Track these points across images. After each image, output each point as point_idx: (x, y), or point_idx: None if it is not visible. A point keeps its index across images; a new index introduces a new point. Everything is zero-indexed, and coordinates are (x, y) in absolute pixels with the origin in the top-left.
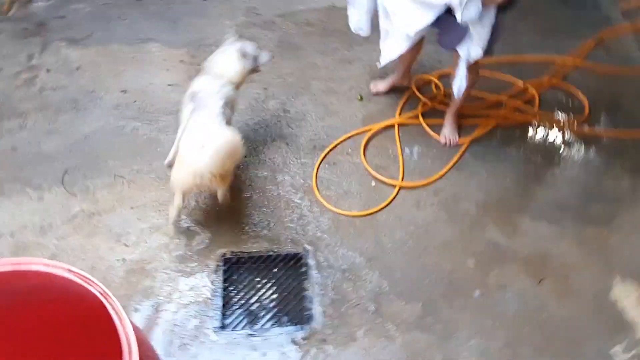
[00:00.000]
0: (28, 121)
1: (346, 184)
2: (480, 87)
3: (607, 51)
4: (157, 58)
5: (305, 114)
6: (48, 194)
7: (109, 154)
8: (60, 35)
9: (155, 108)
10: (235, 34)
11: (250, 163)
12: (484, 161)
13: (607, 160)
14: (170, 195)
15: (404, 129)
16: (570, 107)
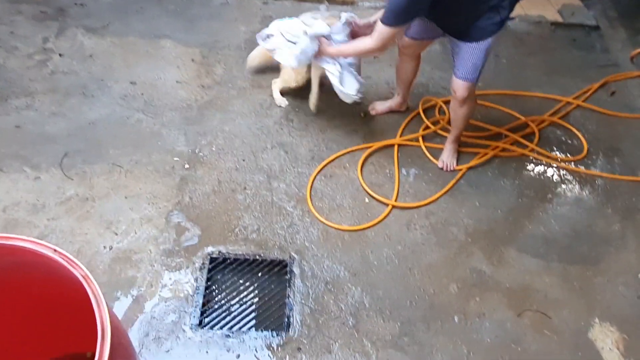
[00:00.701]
0: (36, 102)
1: (340, 197)
2: (482, 117)
3: (612, 95)
4: (170, 54)
5: (307, 124)
6: (45, 175)
7: (111, 142)
8: (78, 22)
9: (162, 102)
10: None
11: (247, 166)
12: (478, 190)
13: (600, 201)
14: (166, 189)
15: (403, 149)
16: (568, 145)
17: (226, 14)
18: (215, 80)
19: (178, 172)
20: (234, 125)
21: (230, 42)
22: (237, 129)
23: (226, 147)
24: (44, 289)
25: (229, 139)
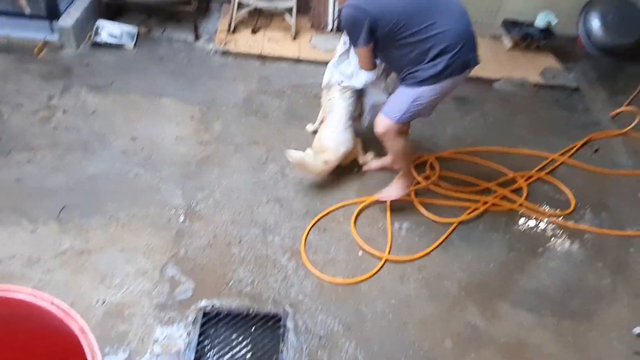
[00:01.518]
0: (37, 156)
1: (334, 250)
2: (472, 173)
3: (595, 152)
4: (170, 112)
5: (302, 179)
6: (42, 227)
7: (109, 196)
8: (83, 81)
9: (161, 158)
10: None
11: (243, 220)
12: (469, 244)
13: (589, 255)
14: (161, 242)
15: (396, 203)
16: (556, 200)
17: (225, 73)
18: (214, 136)
19: (174, 225)
20: (231, 180)
21: (229, 100)
22: (234, 184)
23: (223, 201)
24: (39, 340)
25: (226, 193)
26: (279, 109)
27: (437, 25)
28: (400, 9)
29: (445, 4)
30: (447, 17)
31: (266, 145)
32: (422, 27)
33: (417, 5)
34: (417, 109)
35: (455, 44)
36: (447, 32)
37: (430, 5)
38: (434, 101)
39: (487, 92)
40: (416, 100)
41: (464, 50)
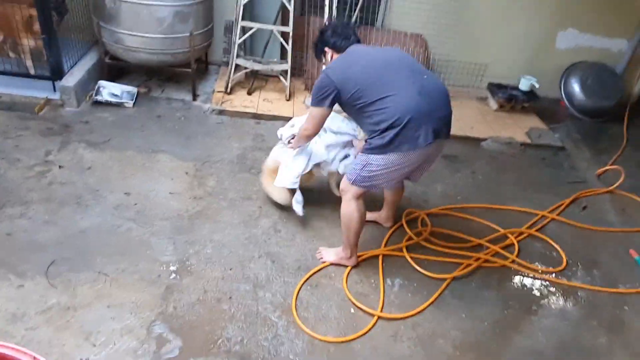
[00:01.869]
0: (30, 210)
1: (325, 307)
2: (463, 229)
3: (584, 210)
4: (165, 167)
5: (295, 234)
6: (29, 283)
7: (99, 250)
8: (81, 138)
9: (153, 212)
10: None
11: (234, 276)
12: (462, 301)
13: (584, 313)
14: (150, 298)
15: (388, 260)
16: (548, 257)
17: (221, 131)
18: (207, 191)
19: (164, 280)
20: (223, 235)
21: (224, 157)
22: (225, 239)
23: (214, 256)
24: None
25: (217, 248)
26: None
27: (391, 99)
28: (361, 80)
29: (409, 80)
30: (405, 93)
31: (259, 200)
32: (377, 99)
33: (377, 78)
34: (369, 175)
35: (405, 118)
36: (400, 106)
37: (391, 79)
38: (390, 173)
39: (476, 150)
40: (365, 166)
41: (412, 130)
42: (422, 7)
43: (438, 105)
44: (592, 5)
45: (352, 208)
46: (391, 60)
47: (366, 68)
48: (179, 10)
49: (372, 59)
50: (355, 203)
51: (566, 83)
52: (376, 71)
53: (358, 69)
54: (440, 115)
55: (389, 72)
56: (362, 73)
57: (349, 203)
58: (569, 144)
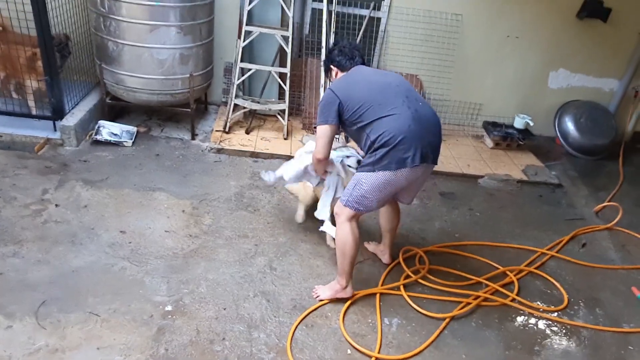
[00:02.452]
0: (23, 249)
1: (321, 348)
2: (462, 267)
3: (583, 247)
4: (162, 205)
5: (290, 273)
6: (18, 324)
7: (91, 290)
8: (78, 176)
9: (148, 251)
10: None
11: (228, 316)
12: (463, 341)
13: (588, 354)
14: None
15: (385, 298)
16: (548, 295)
17: (218, 169)
18: (203, 230)
19: (156, 321)
20: (218, 273)
21: (221, 195)
22: (220, 277)
23: (208, 295)
24: None
25: (212, 287)
26: (270, 203)
27: (387, 120)
28: (362, 99)
29: (405, 104)
30: (400, 115)
31: (255, 238)
32: (375, 119)
33: (377, 99)
34: (360, 194)
35: (397, 139)
36: (394, 127)
37: (389, 101)
38: (379, 192)
39: (473, 188)
40: (356, 186)
41: (402, 150)
42: (416, 48)
43: (429, 131)
44: (581, 46)
45: (345, 231)
46: (391, 84)
47: (367, 89)
48: (180, 52)
49: (374, 80)
50: (349, 225)
51: (560, 121)
52: (376, 93)
53: (360, 89)
54: (429, 141)
55: (388, 95)
56: (364, 93)
57: (342, 226)
58: (565, 181)
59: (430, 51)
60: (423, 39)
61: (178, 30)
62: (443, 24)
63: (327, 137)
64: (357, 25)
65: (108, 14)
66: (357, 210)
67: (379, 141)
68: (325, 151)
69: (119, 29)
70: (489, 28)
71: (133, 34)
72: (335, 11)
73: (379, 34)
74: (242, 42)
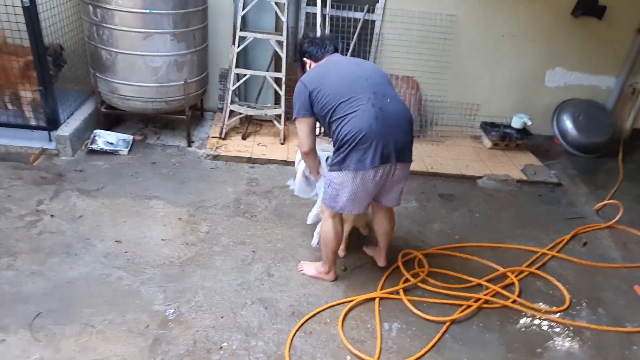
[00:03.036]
0: (17, 261)
1: (320, 355)
2: (462, 269)
3: (584, 246)
4: (158, 214)
5: (288, 279)
6: (12, 337)
7: (86, 301)
8: (74, 186)
9: (144, 260)
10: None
11: (226, 324)
12: (464, 345)
13: (591, 354)
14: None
15: (385, 303)
16: (550, 296)
17: (215, 176)
18: (200, 237)
19: (152, 332)
20: (215, 281)
21: (217, 202)
22: (217, 285)
23: (205, 304)
24: None
25: (209, 295)
26: (267, 209)
27: (350, 117)
28: (330, 93)
29: (370, 102)
30: (363, 113)
31: (252, 245)
32: (340, 116)
33: (344, 94)
34: (333, 194)
35: (357, 138)
36: (356, 126)
37: (354, 97)
38: (349, 193)
39: (472, 189)
40: (329, 185)
41: (361, 150)
42: (411, 50)
43: (395, 129)
44: (577, 44)
45: (327, 226)
46: (360, 77)
47: (336, 83)
48: (174, 59)
49: (344, 73)
50: (331, 221)
51: (558, 120)
52: (344, 88)
53: (329, 81)
54: (395, 140)
55: (355, 91)
56: (332, 87)
57: (325, 222)
58: (565, 180)
59: (426, 52)
60: (418, 41)
61: (172, 38)
62: (438, 25)
63: (305, 129)
64: (352, 28)
65: (101, 23)
66: (333, 208)
67: (342, 139)
68: (308, 142)
69: (112, 38)
70: (484, 28)
71: (126, 42)
72: (330, 15)
73: (374, 37)
74: (236, 48)
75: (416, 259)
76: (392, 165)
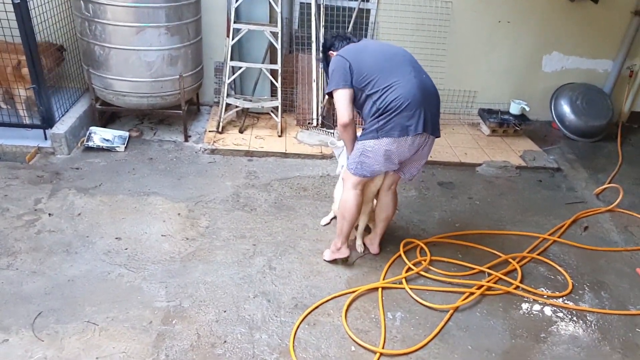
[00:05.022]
0: (17, 261)
1: (325, 346)
2: (463, 257)
3: (585, 230)
4: (157, 210)
5: (290, 272)
6: (15, 337)
7: (88, 299)
8: (71, 184)
9: (145, 256)
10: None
11: (229, 318)
12: (468, 332)
13: (595, 338)
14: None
15: (388, 293)
16: (553, 281)
17: (213, 170)
18: (200, 232)
19: (155, 328)
20: (217, 275)
21: (216, 196)
22: (219, 280)
23: (207, 298)
24: None
25: (211, 290)
26: (267, 202)
27: (395, 86)
28: (371, 64)
29: (407, 73)
30: (407, 83)
31: (253, 238)
32: (384, 86)
33: (385, 66)
34: (365, 161)
35: (404, 105)
36: (401, 93)
37: (396, 69)
38: (383, 159)
39: (472, 176)
40: (363, 152)
41: (405, 116)
42: (407, 38)
43: (431, 103)
44: (574, 28)
45: (350, 196)
46: (397, 53)
47: (374, 57)
48: (168, 53)
49: (380, 50)
50: (353, 192)
51: (556, 105)
52: (383, 61)
53: (368, 56)
54: (432, 112)
55: (395, 63)
56: (371, 60)
57: (347, 192)
58: (564, 165)
59: (422, 40)
60: (414, 29)
61: (165, 31)
62: (433, 12)
63: (345, 100)
64: (347, 17)
65: (93, 18)
66: (363, 176)
67: (384, 107)
68: (349, 112)
69: (104, 33)
70: (479, 14)
71: (119, 37)
72: (324, 4)
73: (369, 26)
74: (231, 41)
75: (418, 247)
76: (427, 135)
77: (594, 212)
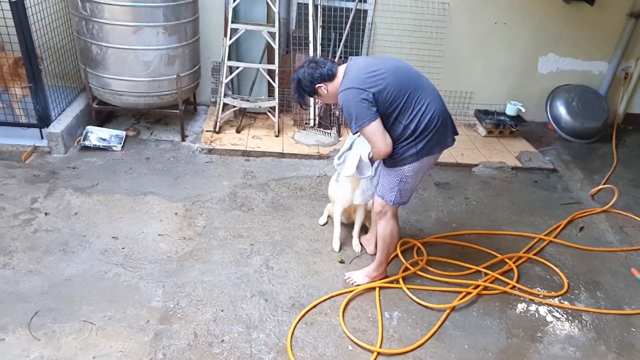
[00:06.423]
0: (14, 260)
1: (322, 346)
2: (460, 257)
3: (581, 231)
4: (154, 209)
5: (287, 271)
6: (11, 336)
7: (85, 298)
8: (67, 184)
9: (142, 256)
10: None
11: (226, 317)
12: (464, 331)
13: (591, 337)
14: (138, 346)
15: (385, 292)
16: (548, 281)
17: (210, 170)
18: (197, 232)
19: (153, 327)
20: (214, 275)
21: (213, 196)
22: (216, 279)
23: (205, 298)
24: None
25: (208, 289)
26: (264, 201)
27: (425, 103)
28: (392, 87)
29: (427, 86)
30: (432, 96)
31: (250, 238)
32: (416, 106)
33: (408, 83)
34: (405, 188)
35: (437, 123)
36: (433, 109)
37: (417, 83)
38: (417, 179)
39: (468, 177)
40: (401, 180)
41: (443, 130)
42: (404, 39)
43: (448, 112)
44: (569, 30)
45: (392, 226)
46: (402, 67)
47: (391, 76)
48: (165, 53)
49: (389, 66)
50: (394, 221)
51: (552, 106)
52: (403, 79)
53: (382, 78)
54: (451, 121)
55: (414, 80)
56: (389, 81)
57: (389, 222)
58: (560, 166)
59: (419, 41)
60: (411, 30)
61: (163, 31)
62: (430, 14)
63: (379, 130)
64: (344, 18)
65: (90, 17)
66: (403, 204)
67: (422, 128)
68: (387, 141)
69: (102, 32)
70: (476, 16)
71: (117, 36)
72: (321, 5)
73: (367, 27)
74: (228, 41)
75: (415, 247)
76: (448, 146)
77: (590, 213)
